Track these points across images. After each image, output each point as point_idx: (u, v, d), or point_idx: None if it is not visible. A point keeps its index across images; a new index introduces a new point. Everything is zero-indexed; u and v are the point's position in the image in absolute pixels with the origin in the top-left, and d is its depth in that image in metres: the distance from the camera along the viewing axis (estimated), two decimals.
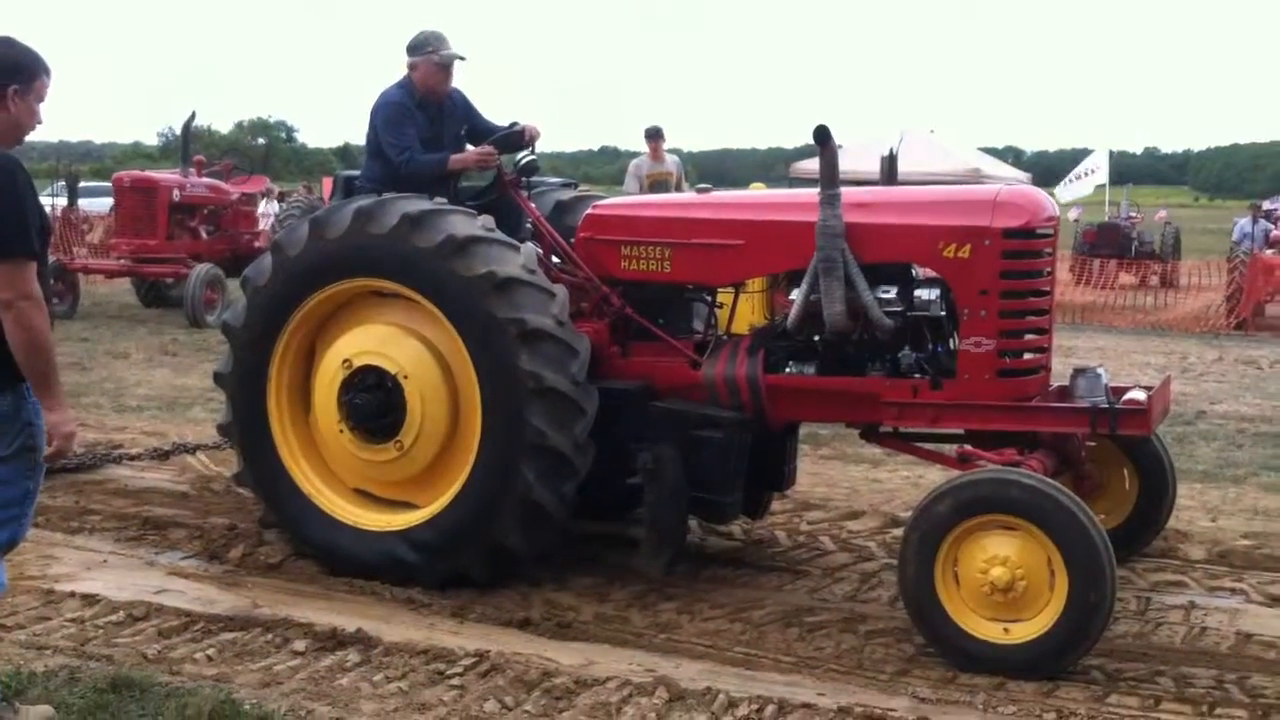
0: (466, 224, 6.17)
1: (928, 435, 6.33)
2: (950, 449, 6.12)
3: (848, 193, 5.95)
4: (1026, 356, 6.02)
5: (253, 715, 4.64)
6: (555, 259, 6.68)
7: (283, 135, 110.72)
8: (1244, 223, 25.50)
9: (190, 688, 4.84)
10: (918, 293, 5.97)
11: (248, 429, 6.63)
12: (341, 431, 6.31)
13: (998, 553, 5.21)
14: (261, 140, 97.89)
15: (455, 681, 5.04)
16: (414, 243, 6.08)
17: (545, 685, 5.00)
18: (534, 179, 7.10)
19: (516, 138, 7.06)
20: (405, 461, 6.27)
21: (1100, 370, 5.99)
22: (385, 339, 6.28)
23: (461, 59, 6.96)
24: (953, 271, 5.86)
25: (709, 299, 6.85)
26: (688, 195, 6.84)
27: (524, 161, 6.96)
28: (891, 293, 5.95)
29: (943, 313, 5.96)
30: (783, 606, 6.08)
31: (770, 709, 4.81)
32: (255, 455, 6.63)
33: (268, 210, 20.11)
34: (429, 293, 6.12)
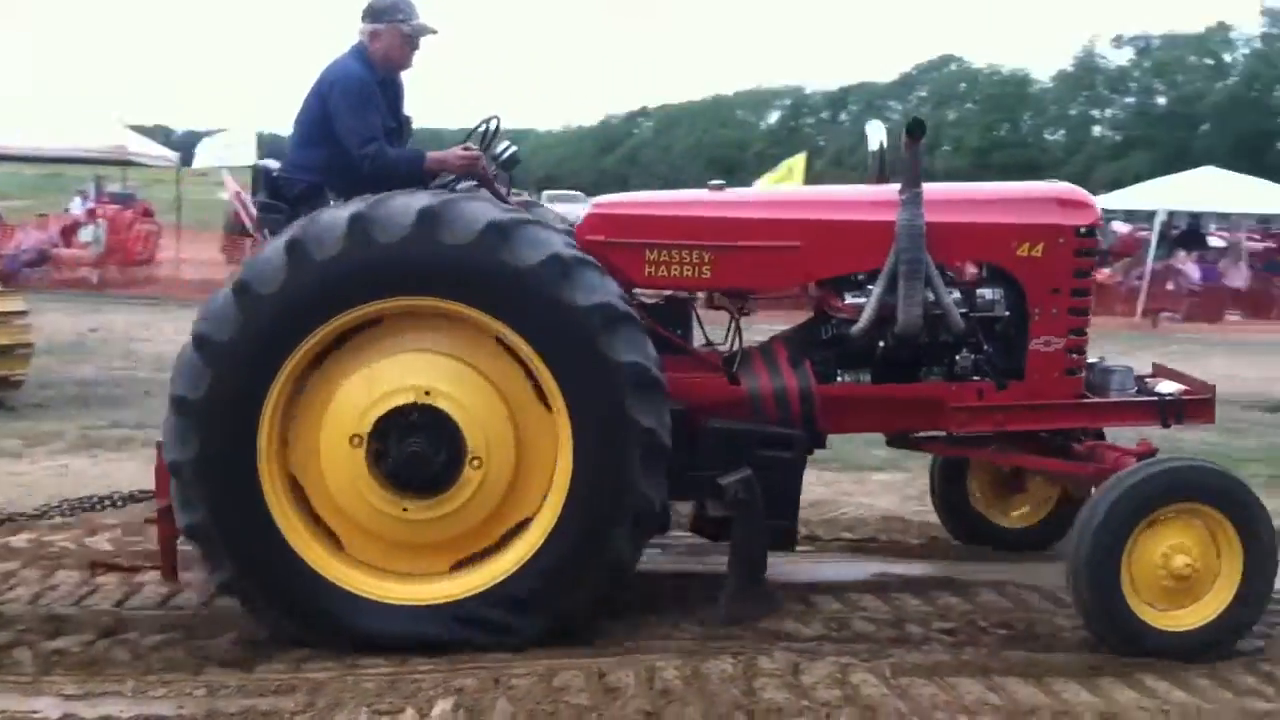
0: (563, 239, 5.23)
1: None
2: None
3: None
4: (1076, 355, 5.92)
5: None
6: None
7: None
8: None
9: None
10: (980, 292, 5.80)
11: (216, 469, 5.13)
12: (405, 510, 5.19)
13: (1180, 540, 5.23)
14: None
15: None
16: (502, 259, 5.03)
17: None
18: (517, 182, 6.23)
19: (493, 135, 5.99)
20: (491, 482, 5.21)
21: (1127, 364, 6.05)
22: (396, 372, 5.18)
23: (434, 32, 5.79)
24: (1026, 270, 5.74)
25: (735, 307, 6.12)
26: (716, 192, 6.07)
27: (506, 154, 5.95)
28: (956, 293, 5.75)
29: (1007, 312, 5.81)
30: None
31: None
32: (225, 496, 5.17)
33: None
34: (519, 324, 5.10)
